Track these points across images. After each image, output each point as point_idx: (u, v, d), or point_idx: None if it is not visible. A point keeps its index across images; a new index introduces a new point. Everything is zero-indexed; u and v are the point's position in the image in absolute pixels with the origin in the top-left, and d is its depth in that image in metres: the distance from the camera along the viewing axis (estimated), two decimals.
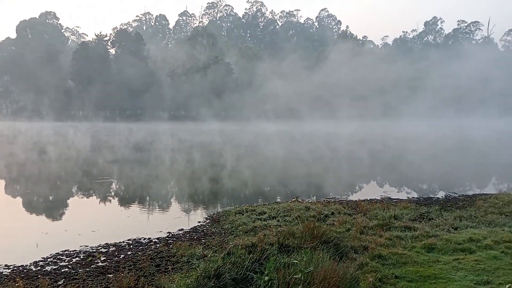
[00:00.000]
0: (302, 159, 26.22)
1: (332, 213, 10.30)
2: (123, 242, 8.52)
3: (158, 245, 8.19)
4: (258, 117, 78.98)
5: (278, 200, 13.37)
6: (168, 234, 9.11)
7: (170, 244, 8.08)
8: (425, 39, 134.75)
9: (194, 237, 8.73)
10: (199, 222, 10.23)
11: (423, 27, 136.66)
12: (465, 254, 6.71)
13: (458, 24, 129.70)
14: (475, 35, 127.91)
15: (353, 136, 48.06)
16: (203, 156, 28.12)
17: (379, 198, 13.16)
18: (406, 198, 13.14)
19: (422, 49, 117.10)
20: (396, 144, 37.14)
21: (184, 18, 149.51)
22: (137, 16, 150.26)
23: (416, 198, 13.29)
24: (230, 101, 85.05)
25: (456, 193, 14.11)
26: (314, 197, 13.85)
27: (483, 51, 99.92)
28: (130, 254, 7.66)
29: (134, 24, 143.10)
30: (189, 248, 7.42)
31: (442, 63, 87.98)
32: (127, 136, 47.95)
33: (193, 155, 28.74)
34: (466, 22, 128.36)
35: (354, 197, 13.97)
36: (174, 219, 10.73)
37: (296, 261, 5.39)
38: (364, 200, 12.40)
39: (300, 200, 12.27)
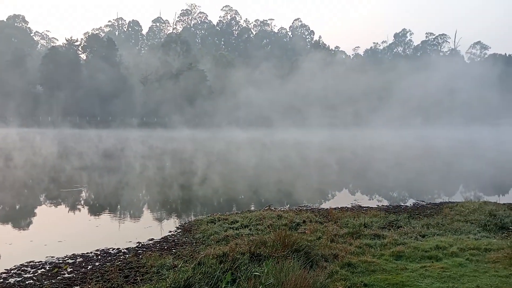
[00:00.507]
0: (274, 167, 26.35)
1: (304, 221, 10.36)
2: (91, 252, 8.30)
3: (127, 255, 8.02)
4: (230, 124, 79.05)
5: (252, 208, 13.36)
6: (138, 244, 8.93)
7: (140, 255, 7.93)
8: (395, 51, 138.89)
9: (164, 247, 8.59)
10: (170, 231, 10.08)
11: (393, 38, 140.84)
12: (432, 262, 6.87)
13: (426, 36, 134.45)
14: (442, 47, 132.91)
15: (324, 144, 48.71)
16: (175, 164, 27.85)
17: (350, 206, 13.35)
18: (376, 206, 13.36)
19: (392, 60, 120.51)
20: (365, 153, 37.87)
21: (158, 24, 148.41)
22: (109, 21, 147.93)
23: (386, 206, 13.53)
24: (202, 108, 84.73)
25: (424, 201, 14.45)
26: (288, 205, 13.93)
27: (449, 62, 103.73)
28: (98, 265, 7.47)
29: (106, 29, 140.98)
30: (159, 258, 7.29)
31: (410, 74, 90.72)
32: (97, 143, 46.94)
33: (164, 163, 28.42)
34: (434, 35, 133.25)
35: (325, 205, 14.12)
36: (145, 229, 10.54)
37: (258, 273, 5.38)
38: (335, 208, 12.54)
39: (272, 208, 12.31)
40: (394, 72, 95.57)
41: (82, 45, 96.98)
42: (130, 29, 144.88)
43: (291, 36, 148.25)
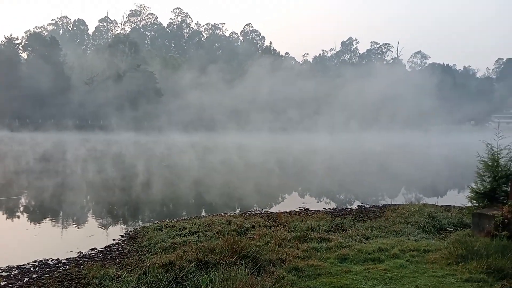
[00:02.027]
0: (221, 171, 26.25)
1: (253, 226, 10.37)
2: (28, 264, 7.82)
3: (67, 266, 7.63)
4: (176, 127, 77.86)
5: (203, 214, 13.20)
6: (79, 254, 8.53)
7: (81, 265, 7.57)
8: (341, 58, 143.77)
9: (108, 256, 8.25)
10: (114, 240, 9.70)
11: (340, 46, 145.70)
12: (375, 264, 7.09)
13: (371, 45, 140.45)
14: (386, 55, 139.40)
15: (269, 148, 49.29)
16: (118, 169, 26.93)
17: (298, 210, 13.54)
18: (323, 210, 13.63)
19: (339, 67, 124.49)
20: (308, 157, 38.65)
21: (105, 24, 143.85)
22: (53, 19, 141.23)
23: (332, 209, 13.85)
24: (148, 111, 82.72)
25: (368, 204, 14.95)
26: (238, 209, 13.91)
27: (392, 70, 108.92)
28: (35, 277, 7.04)
29: (50, 28, 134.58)
30: (101, 268, 6.98)
31: (355, 81, 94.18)
32: (34, 147, 44.55)
33: (108, 168, 27.38)
34: (378, 44, 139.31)
35: (274, 209, 14.22)
36: (87, 238, 10.08)
37: None
38: (283, 212, 12.66)
39: (222, 214, 12.22)
40: (340, 78, 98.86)
41: (22, 43, 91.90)
42: (75, 28, 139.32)
43: (242, 40, 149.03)
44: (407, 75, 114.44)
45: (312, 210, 13.45)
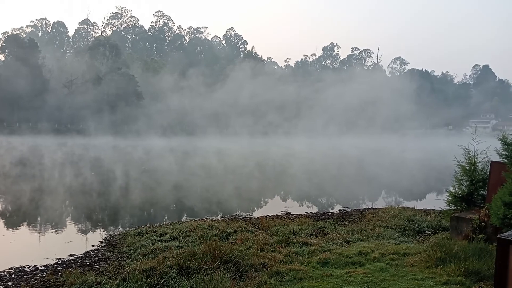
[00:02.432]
0: (202, 175, 26.14)
1: (235, 231, 10.32)
2: (4, 271, 7.63)
3: (45, 273, 7.46)
4: (156, 132, 77.19)
5: (184, 219, 13.10)
6: (57, 260, 8.35)
7: (59, 272, 7.40)
8: (323, 63, 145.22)
9: (86, 262, 8.10)
10: (94, 246, 9.53)
11: (322, 52, 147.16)
12: (356, 267, 7.14)
13: (352, 51, 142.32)
14: (366, 61, 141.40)
15: (249, 152, 49.34)
16: (98, 174, 26.50)
17: (280, 214, 13.57)
18: (305, 214, 13.69)
19: (320, 72, 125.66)
20: (288, 161, 38.87)
21: (85, 26, 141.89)
22: (31, 21, 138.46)
23: (314, 213, 13.93)
24: (129, 115, 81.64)
25: (349, 208, 15.08)
26: (221, 214, 13.85)
27: (372, 76, 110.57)
28: (11, 285, 6.88)
29: (28, 30, 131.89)
30: (80, 275, 6.83)
31: (336, 85, 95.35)
32: (12, 152, 43.51)
33: (86, 173, 26.95)
34: (359, 49, 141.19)
35: (257, 213, 14.21)
36: (65, 244, 9.88)
37: None
38: (266, 217, 12.65)
39: (204, 218, 12.12)
40: (321, 83, 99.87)
41: (0, 45, 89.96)
42: (54, 30, 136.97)
43: (224, 45, 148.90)
44: (387, 80, 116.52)
45: (294, 214, 13.49)
